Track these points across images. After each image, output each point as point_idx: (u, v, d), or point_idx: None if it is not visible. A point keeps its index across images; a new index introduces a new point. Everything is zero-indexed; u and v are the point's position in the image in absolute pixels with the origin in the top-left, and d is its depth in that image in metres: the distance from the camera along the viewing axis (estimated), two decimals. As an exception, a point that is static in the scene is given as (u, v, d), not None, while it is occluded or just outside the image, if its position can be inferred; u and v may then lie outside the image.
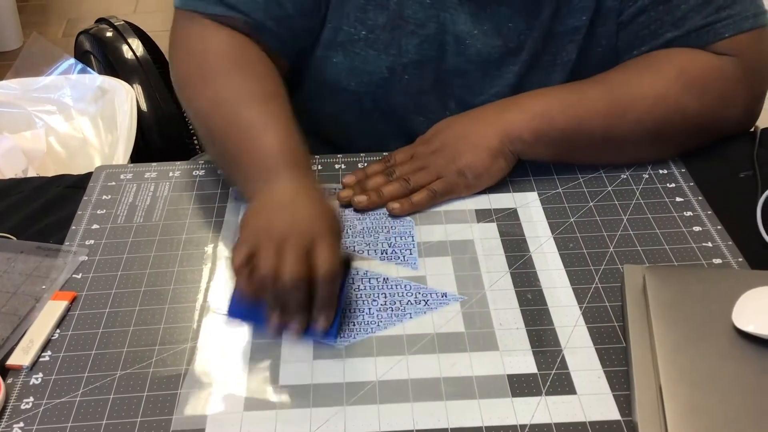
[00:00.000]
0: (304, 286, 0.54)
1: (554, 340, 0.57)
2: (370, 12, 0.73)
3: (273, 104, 0.67)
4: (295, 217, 0.58)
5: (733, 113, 0.74)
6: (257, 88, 0.68)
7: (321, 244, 0.55)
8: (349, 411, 0.52)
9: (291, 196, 0.59)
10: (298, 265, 0.54)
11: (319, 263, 0.55)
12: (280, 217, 0.58)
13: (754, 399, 0.49)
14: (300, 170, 0.62)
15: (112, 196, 0.72)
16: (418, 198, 0.69)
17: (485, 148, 0.69)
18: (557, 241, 0.66)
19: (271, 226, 0.57)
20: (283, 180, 0.61)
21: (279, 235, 0.56)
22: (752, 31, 0.72)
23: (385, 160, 0.73)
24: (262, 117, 0.65)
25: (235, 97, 0.67)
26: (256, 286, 0.55)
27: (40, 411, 0.52)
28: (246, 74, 0.69)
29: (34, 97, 1.21)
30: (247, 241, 0.56)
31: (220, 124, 0.67)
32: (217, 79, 0.69)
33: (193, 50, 0.72)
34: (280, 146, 0.63)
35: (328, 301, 0.56)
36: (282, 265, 0.54)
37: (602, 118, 0.70)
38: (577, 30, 0.74)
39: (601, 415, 0.52)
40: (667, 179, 0.73)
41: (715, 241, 0.65)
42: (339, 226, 0.59)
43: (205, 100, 0.68)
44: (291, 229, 0.56)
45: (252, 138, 0.64)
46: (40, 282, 0.62)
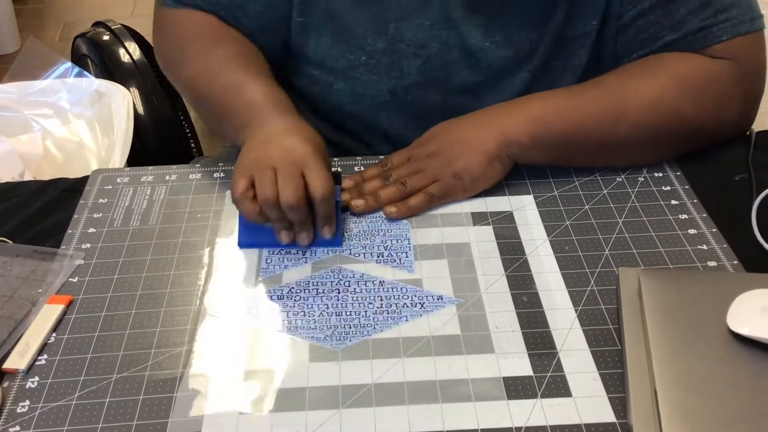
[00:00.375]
0: (304, 204, 0.62)
1: (550, 342, 0.57)
2: (369, 38, 0.74)
3: (252, 65, 0.73)
4: (286, 146, 0.64)
5: (729, 117, 0.75)
6: (235, 54, 0.74)
7: (313, 168, 0.63)
8: (345, 414, 0.52)
9: (280, 131, 0.66)
10: (296, 187, 0.62)
11: (315, 185, 0.62)
12: (272, 148, 0.64)
13: (749, 401, 0.49)
14: (285, 112, 0.69)
15: (109, 199, 0.72)
16: (414, 201, 0.69)
17: (482, 151, 0.69)
18: (553, 244, 0.66)
19: (266, 156, 0.64)
20: (271, 121, 0.67)
21: (274, 162, 0.63)
22: (749, 35, 0.72)
23: (382, 164, 0.73)
24: (243, 76, 0.71)
25: (216, 62, 0.73)
26: (260, 209, 0.62)
27: (36, 414, 0.52)
28: (224, 45, 0.75)
29: (31, 101, 1.21)
30: (246, 171, 0.63)
31: (205, 88, 0.73)
32: (198, 52, 0.75)
33: (174, 33, 0.79)
34: (264, 96, 0.70)
35: (327, 215, 0.64)
36: (282, 188, 0.61)
37: (599, 121, 0.70)
38: (588, 34, 0.75)
39: (596, 418, 0.52)
40: (662, 182, 0.73)
41: (711, 244, 0.65)
42: (325, 151, 0.66)
43: (189, 71, 0.75)
44: (284, 157, 0.63)
45: (237, 94, 0.70)
46: (36, 285, 0.62)
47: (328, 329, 0.59)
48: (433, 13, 0.73)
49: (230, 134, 0.73)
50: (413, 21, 0.73)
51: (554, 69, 0.77)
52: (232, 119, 0.71)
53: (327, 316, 0.60)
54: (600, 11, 0.74)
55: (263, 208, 0.62)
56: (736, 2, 0.72)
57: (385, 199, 0.69)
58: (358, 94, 0.77)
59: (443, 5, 0.73)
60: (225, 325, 0.59)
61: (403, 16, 0.73)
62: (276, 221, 0.63)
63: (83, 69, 1.30)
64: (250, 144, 0.67)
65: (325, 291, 0.62)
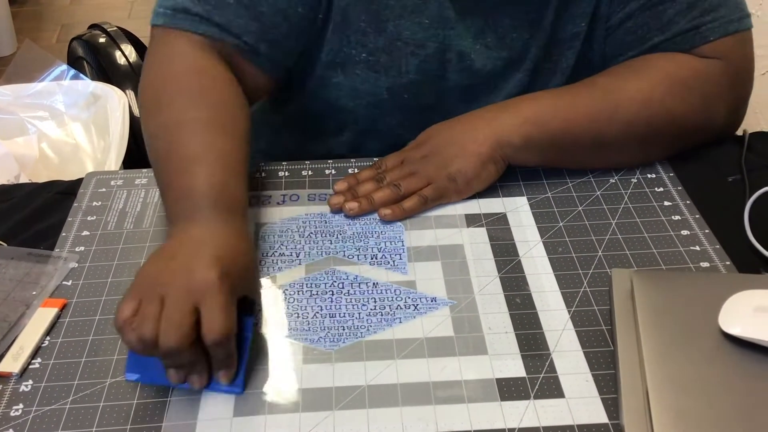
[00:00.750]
0: (187, 348, 0.50)
1: (543, 343, 0.57)
2: (370, 35, 0.74)
3: (220, 136, 0.63)
4: (188, 266, 0.52)
5: (718, 115, 0.75)
6: (209, 116, 0.64)
7: (209, 303, 0.51)
8: (338, 415, 0.52)
9: (195, 243, 0.55)
10: (178, 328, 0.50)
11: (206, 326, 0.50)
12: (173, 266, 0.53)
13: (740, 402, 0.49)
14: (221, 210, 0.58)
15: (103, 202, 0.72)
16: (409, 204, 0.69)
17: (476, 153, 0.69)
18: (546, 246, 0.66)
19: (161, 278, 0.52)
20: (197, 221, 0.57)
21: (165, 289, 0.51)
22: (737, 34, 0.73)
23: (376, 166, 0.73)
24: (201, 148, 0.62)
25: (182, 122, 0.63)
26: (140, 346, 0.50)
27: (30, 418, 0.52)
28: (201, 101, 0.65)
29: (27, 103, 1.21)
30: (136, 291, 0.52)
31: (162, 150, 0.63)
32: (171, 104, 0.65)
33: (159, 65, 0.69)
34: (210, 184, 0.59)
35: (224, 361, 0.53)
36: (163, 328, 0.50)
37: (591, 121, 0.70)
38: (576, 36, 0.75)
39: (588, 419, 0.52)
40: (655, 183, 0.73)
41: (703, 245, 0.66)
42: (242, 273, 0.56)
43: (155, 125, 0.65)
44: (178, 283, 0.51)
45: (184, 170, 0.60)
46: (30, 288, 0.62)
47: (321, 331, 0.59)
48: (430, 12, 0.73)
49: (167, 221, 0.63)
50: (412, 19, 0.73)
51: (544, 70, 0.77)
52: (168, 203, 0.61)
53: (321, 318, 0.60)
54: (588, 13, 0.74)
55: (142, 348, 0.50)
56: (724, 2, 0.72)
57: (379, 202, 0.69)
58: (357, 90, 0.77)
59: (439, 5, 0.73)
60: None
61: (402, 14, 0.73)
62: (162, 359, 0.52)
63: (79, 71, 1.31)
64: (162, 248, 0.56)
65: (319, 293, 0.62)
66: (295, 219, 0.70)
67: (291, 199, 0.72)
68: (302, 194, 0.73)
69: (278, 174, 0.75)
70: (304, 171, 0.75)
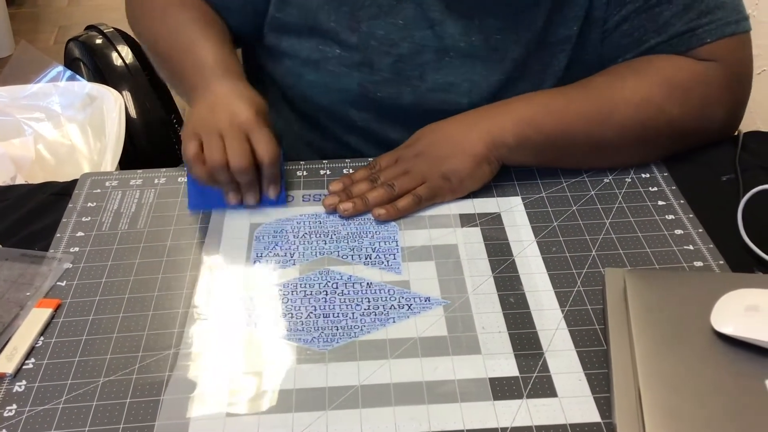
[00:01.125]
0: (252, 169, 0.67)
1: (536, 343, 0.57)
2: (341, 33, 0.75)
3: (210, 28, 0.76)
4: (231, 110, 0.68)
5: (716, 118, 0.75)
6: (197, 17, 0.77)
7: (259, 133, 0.67)
8: (332, 415, 0.52)
9: (225, 95, 0.69)
10: (244, 152, 0.66)
11: (261, 150, 0.67)
12: (218, 113, 0.68)
13: (732, 400, 0.49)
14: (232, 77, 0.71)
15: (98, 203, 0.72)
16: (403, 204, 0.69)
17: (470, 153, 0.69)
18: (540, 245, 0.66)
19: (213, 120, 0.67)
20: (217, 84, 0.70)
21: (221, 127, 0.67)
22: (734, 36, 0.72)
23: (371, 166, 0.74)
24: (197, 38, 0.75)
25: (177, 23, 0.77)
26: (210, 173, 0.66)
27: (23, 418, 0.52)
28: (188, 8, 0.78)
29: (23, 105, 1.21)
30: (194, 134, 0.67)
31: (164, 47, 0.77)
32: (165, 11, 0.79)
33: None
34: (215, 59, 0.73)
35: (273, 177, 0.69)
36: (231, 154, 0.66)
37: (586, 122, 0.70)
38: (568, 39, 0.75)
39: (581, 418, 0.52)
40: (649, 183, 0.73)
41: (697, 244, 0.66)
42: (267, 114, 0.70)
43: (154, 29, 0.79)
44: (230, 122, 0.67)
45: (191, 55, 0.74)
46: (24, 289, 0.62)
47: (315, 331, 0.59)
48: (406, 14, 0.74)
49: (182, 95, 0.77)
50: (386, 20, 0.74)
51: (533, 73, 0.77)
52: (183, 80, 0.75)
53: (314, 318, 0.60)
54: (580, 16, 0.74)
55: (213, 172, 0.66)
56: (721, 4, 0.72)
57: (373, 202, 0.69)
58: (328, 86, 0.78)
59: (419, 6, 0.73)
60: (212, 328, 0.59)
61: (376, 15, 0.74)
62: (225, 184, 0.68)
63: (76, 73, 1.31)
64: (197, 107, 0.70)
65: (313, 293, 0.62)
66: (290, 219, 0.70)
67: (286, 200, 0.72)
68: (297, 195, 0.73)
69: (273, 174, 0.75)
70: (299, 171, 0.76)
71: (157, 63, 0.82)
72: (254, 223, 0.69)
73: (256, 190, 0.69)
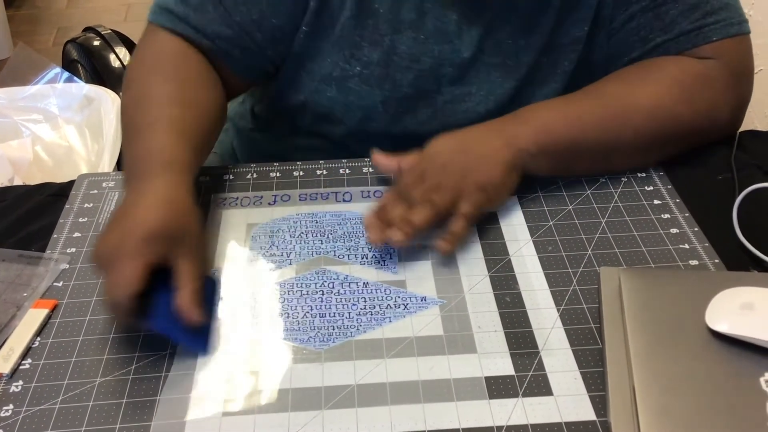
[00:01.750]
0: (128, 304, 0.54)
1: (532, 342, 0.58)
2: (365, 48, 0.74)
3: (176, 107, 0.67)
4: (127, 228, 0.56)
5: (722, 118, 0.76)
6: (173, 92, 0.68)
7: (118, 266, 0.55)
8: (327, 415, 0.52)
9: (132, 203, 0.59)
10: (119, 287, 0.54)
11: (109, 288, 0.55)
12: (117, 229, 0.57)
13: (726, 398, 0.49)
14: (171, 173, 0.60)
15: (94, 204, 0.72)
16: (458, 228, 0.65)
17: (500, 161, 0.67)
18: (536, 244, 0.66)
19: (108, 240, 0.57)
20: (146, 181, 0.60)
21: (109, 252, 0.56)
22: (737, 37, 0.74)
23: (398, 186, 0.68)
24: (160, 119, 0.65)
25: (148, 97, 0.68)
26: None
27: (20, 418, 0.52)
28: (170, 78, 0.69)
29: (21, 106, 1.22)
30: (95, 253, 0.57)
31: (127, 122, 0.68)
32: (142, 80, 0.70)
33: (139, 57, 0.74)
34: (161, 148, 0.62)
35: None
36: (106, 287, 0.55)
37: (602, 130, 0.70)
38: (578, 40, 0.76)
39: (576, 416, 0.52)
40: (645, 182, 0.73)
41: (692, 243, 0.66)
42: (192, 233, 0.58)
43: (127, 99, 0.70)
44: (119, 244, 0.56)
45: (142, 138, 0.64)
46: (21, 289, 0.62)
47: (311, 331, 0.59)
48: (427, 28, 0.73)
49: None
50: (408, 35, 0.74)
51: (542, 75, 0.77)
52: (125, 168, 0.64)
53: (311, 318, 0.60)
54: (589, 17, 0.74)
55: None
56: (725, 6, 0.73)
57: (420, 223, 0.64)
58: (351, 104, 0.77)
59: (437, 20, 0.73)
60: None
61: (398, 29, 0.73)
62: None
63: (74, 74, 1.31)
64: (114, 211, 0.61)
65: (309, 293, 0.62)
66: (286, 219, 0.70)
67: (282, 200, 0.72)
68: (293, 194, 0.73)
69: (270, 175, 0.75)
70: (296, 172, 0.76)
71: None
72: (251, 223, 0.69)
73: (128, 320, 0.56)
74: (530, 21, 0.74)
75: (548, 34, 0.75)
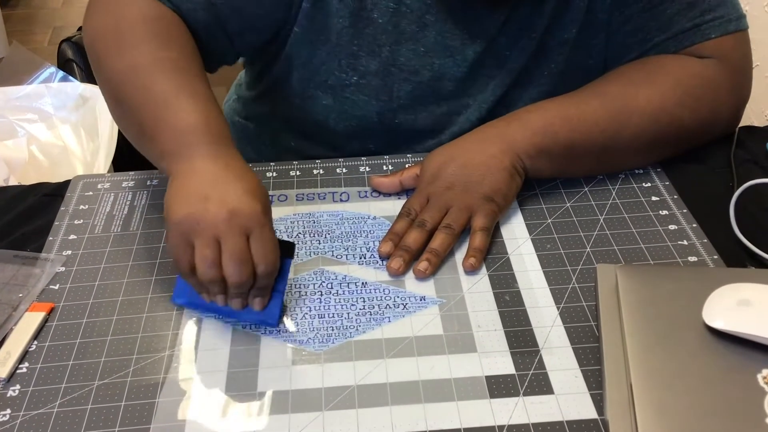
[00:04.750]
0: (250, 281, 0.55)
1: (532, 340, 0.57)
2: (362, 58, 0.73)
3: (190, 76, 0.63)
4: (230, 205, 0.54)
5: (722, 120, 0.76)
6: (175, 57, 0.64)
7: (260, 236, 0.55)
8: (328, 416, 0.52)
9: (220, 178, 0.56)
10: (243, 264, 0.54)
11: (259, 257, 0.55)
12: (214, 203, 0.54)
13: (723, 395, 0.49)
14: (220, 146, 0.59)
15: (90, 205, 0.72)
16: (478, 243, 0.64)
17: (501, 168, 0.67)
18: (535, 243, 0.66)
19: (208, 216, 0.54)
20: (206, 158, 0.58)
21: (217, 229, 0.54)
22: (736, 34, 0.73)
23: (405, 213, 0.67)
24: (178, 88, 0.61)
25: (151, 64, 0.63)
26: (202, 286, 0.56)
27: (18, 423, 0.52)
28: (165, 43, 0.65)
29: (16, 106, 1.21)
30: (183, 236, 0.54)
31: (132, 92, 0.63)
32: (135, 45, 0.64)
33: (112, 9, 0.67)
34: (198, 119, 0.59)
35: (263, 289, 0.57)
36: (227, 268, 0.54)
37: (602, 132, 0.69)
38: (566, 42, 0.75)
39: (578, 414, 0.52)
40: (642, 179, 0.73)
41: (691, 239, 0.66)
42: (268, 202, 0.58)
43: (120, 64, 0.64)
44: (229, 219, 0.54)
45: (167, 110, 0.60)
46: (17, 290, 0.62)
47: (310, 332, 0.59)
48: (427, 41, 0.73)
49: (152, 158, 0.63)
50: (408, 47, 0.73)
51: (533, 76, 0.77)
52: (156, 143, 0.60)
53: (309, 319, 0.60)
54: (579, 20, 0.74)
55: (206, 286, 0.56)
56: (722, 2, 0.73)
57: (441, 249, 0.64)
58: (346, 113, 0.76)
59: (438, 34, 0.73)
60: (206, 330, 0.59)
61: (398, 41, 0.73)
62: (216, 292, 0.57)
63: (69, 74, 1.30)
64: (180, 189, 0.56)
65: (308, 293, 0.62)
66: (283, 219, 0.69)
67: (279, 200, 0.72)
68: (290, 194, 0.72)
69: (266, 175, 0.75)
70: (292, 171, 0.75)
71: (118, 108, 0.65)
72: (248, 224, 0.69)
73: (245, 295, 0.57)
74: (524, 25, 0.74)
75: (539, 39, 0.74)
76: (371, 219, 0.69)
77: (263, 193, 0.57)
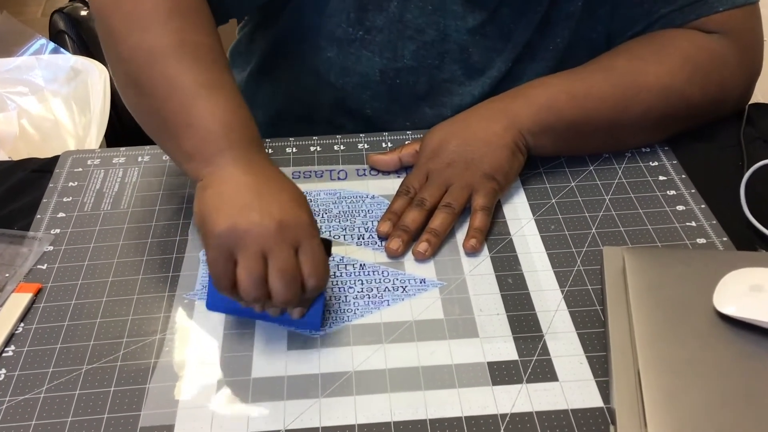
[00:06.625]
0: (296, 299, 0.51)
1: (535, 325, 0.56)
2: (369, 12, 0.71)
3: (217, 65, 0.58)
4: (272, 212, 0.50)
5: (732, 97, 0.74)
6: (201, 42, 0.58)
7: (309, 249, 0.50)
8: (325, 403, 0.51)
9: (257, 185, 0.52)
10: (293, 282, 0.50)
11: (309, 271, 0.50)
12: (256, 215, 0.50)
13: (734, 383, 0.48)
14: (252, 150, 0.55)
15: (79, 182, 0.69)
16: (479, 223, 0.63)
17: (502, 146, 0.65)
18: (538, 223, 0.64)
19: (250, 229, 0.49)
20: (236, 164, 0.53)
21: (263, 244, 0.49)
22: (745, 7, 0.71)
23: (404, 191, 0.65)
24: (205, 82, 0.56)
25: (176, 49, 0.57)
26: (246, 302, 0.51)
27: (3, 408, 0.50)
28: (191, 23, 0.59)
29: (6, 78, 1.18)
30: (226, 251, 0.50)
31: (153, 80, 0.57)
32: (157, 21, 0.58)
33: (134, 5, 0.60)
34: (228, 119, 0.55)
35: (307, 302, 0.53)
36: (275, 286, 0.49)
37: (608, 108, 0.67)
38: (571, 15, 0.73)
39: (583, 402, 0.50)
40: (650, 157, 0.71)
41: (699, 221, 0.64)
42: (310, 210, 0.53)
43: (140, 44, 0.58)
44: (274, 232, 0.49)
45: (194, 107, 0.55)
46: (3, 270, 0.60)
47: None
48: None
49: (172, 154, 0.58)
50: (415, 3, 0.71)
51: (533, 52, 0.75)
52: (182, 142, 0.55)
53: (306, 301, 0.58)
54: None
55: (250, 303, 0.52)
56: None
57: (441, 229, 0.62)
58: (349, 68, 0.75)
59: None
60: (200, 313, 0.57)
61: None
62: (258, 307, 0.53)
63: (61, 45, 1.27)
64: (218, 200, 0.52)
65: (304, 275, 0.60)
66: (280, 198, 0.67)
67: (275, 177, 0.70)
68: (287, 172, 0.69)
69: (262, 151, 0.73)
70: (289, 148, 0.73)
71: (134, 94, 0.59)
72: (243, 202, 0.67)
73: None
74: (530, 1, 0.71)
75: (544, 12, 0.72)
76: (370, 198, 0.67)
77: (307, 202, 0.54)
